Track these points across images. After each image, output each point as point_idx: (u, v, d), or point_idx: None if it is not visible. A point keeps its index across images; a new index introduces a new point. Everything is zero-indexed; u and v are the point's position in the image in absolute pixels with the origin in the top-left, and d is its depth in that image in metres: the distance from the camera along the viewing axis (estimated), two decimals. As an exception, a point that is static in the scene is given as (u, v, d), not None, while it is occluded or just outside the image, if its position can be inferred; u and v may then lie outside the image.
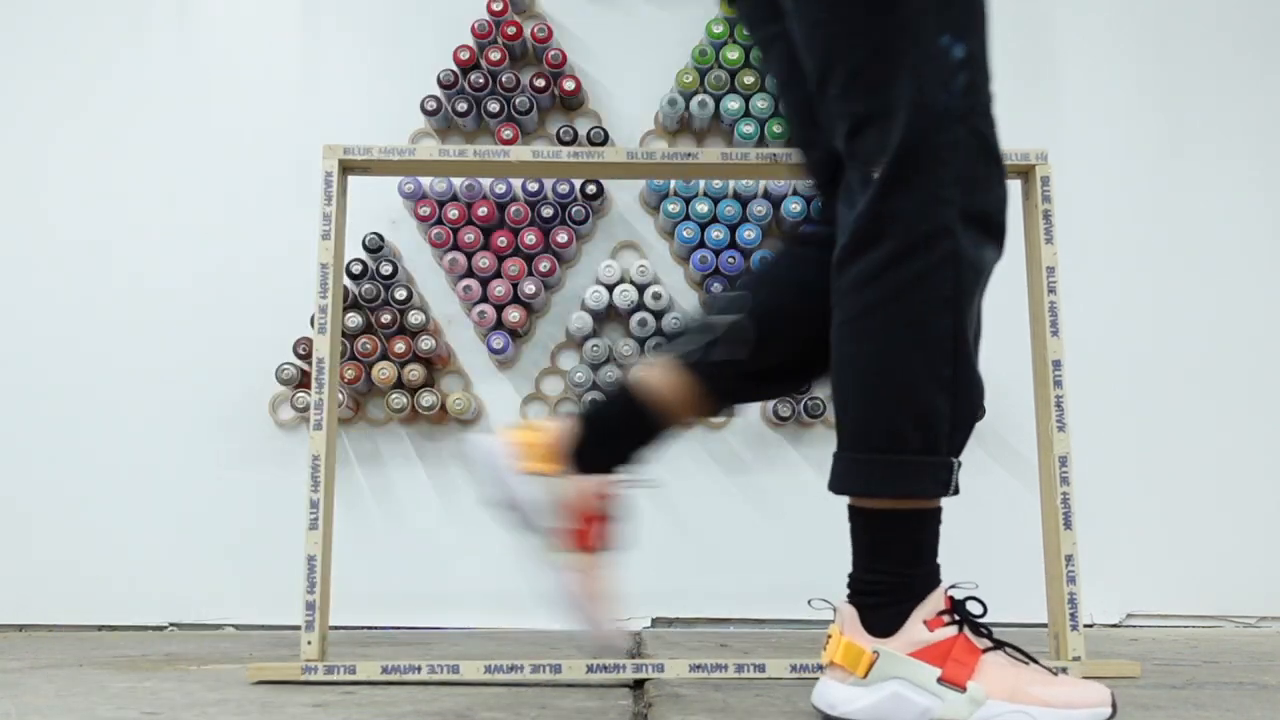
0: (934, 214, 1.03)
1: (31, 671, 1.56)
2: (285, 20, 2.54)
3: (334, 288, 1.53)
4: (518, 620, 2.32)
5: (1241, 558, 2.40)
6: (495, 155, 1.58)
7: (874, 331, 1.06)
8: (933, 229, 1.03)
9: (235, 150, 2.48)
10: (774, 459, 2.41)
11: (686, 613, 2.36)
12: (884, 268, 1.05)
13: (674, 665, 1.45)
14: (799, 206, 2.34)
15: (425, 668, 1.44)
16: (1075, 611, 1.48)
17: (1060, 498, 1.50)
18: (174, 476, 2.38)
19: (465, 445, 1.24)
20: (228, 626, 2.33)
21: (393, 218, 2.45)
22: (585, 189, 2.38)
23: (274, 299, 2.39)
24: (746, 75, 2.39)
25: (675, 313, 2.34)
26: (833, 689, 1.10)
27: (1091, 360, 2.39)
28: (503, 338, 2.35)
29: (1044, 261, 1.55)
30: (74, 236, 2.45)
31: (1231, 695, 1.31)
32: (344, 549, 2.14)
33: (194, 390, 2.40)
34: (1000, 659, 1.07)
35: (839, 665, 1.10)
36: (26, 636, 2.22)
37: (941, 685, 1.06)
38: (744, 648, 1.90)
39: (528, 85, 2.41)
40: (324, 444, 1.49)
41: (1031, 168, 1.57)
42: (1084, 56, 2.55)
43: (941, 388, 1.05)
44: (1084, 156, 2.49)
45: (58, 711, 1.19)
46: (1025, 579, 1.92)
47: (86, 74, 2.50)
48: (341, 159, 1.56)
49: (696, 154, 1.60)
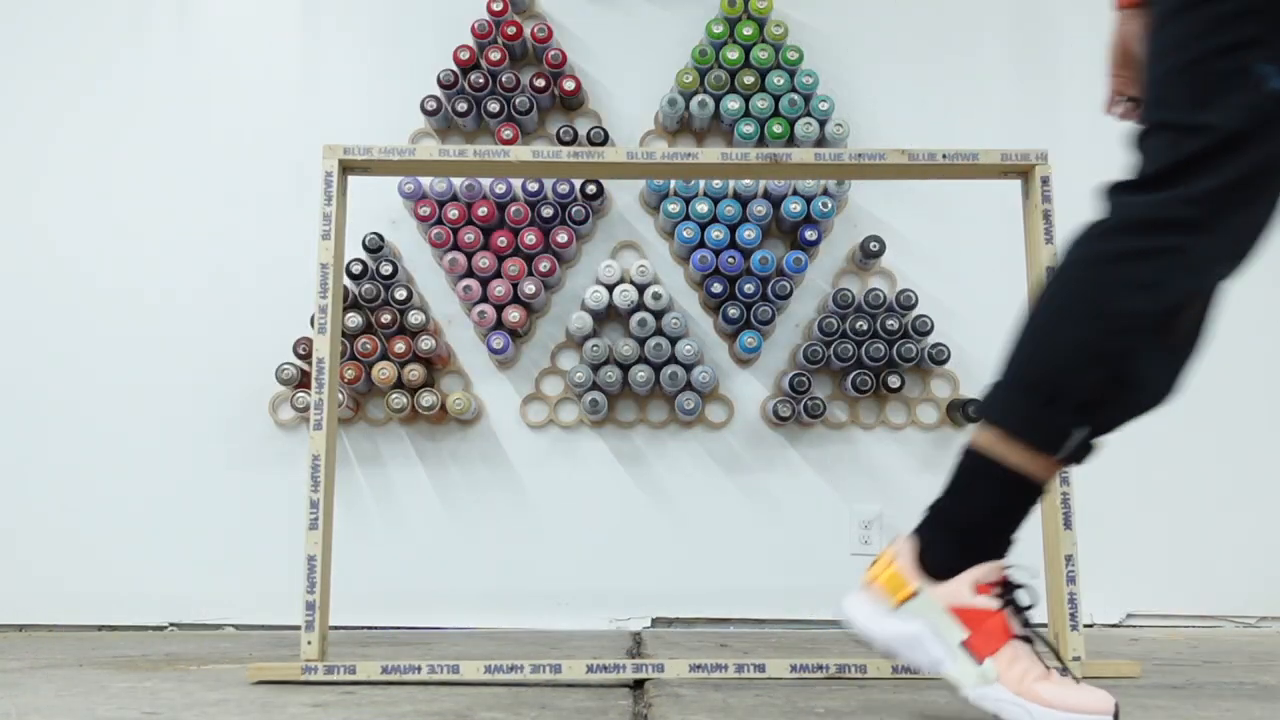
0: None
1: (31, 671, 1.56)
2: (285, 20, 2.54)
3: (334, 288, 1.53)
4: (518, 620, 2.32)
5: (1241, 558, 2.40)
6: (495, 155, 1.58)
7: (1069, 281, 1.09)
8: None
9: (235, 150, 2.48)
10: (774, 459, 2.41)
11: (686, 613, 2.36)
12: (1115, 232, 1.08)
13: (674, 665, 1.45)
14: (799, 207, 2.34)
15: (425, 668, 1.44)
16: (1075, 611, 1.48)
17: (1060, 498, 1.50)
18: (174, 476, 2.38)
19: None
20: (228, 626, 2.33)
21: (393, 218, 2.45)
22: (585, 189, 2.38)
23: (274, 299, 2.39)
24: (746, 75, 2.39)
25: (675, 313, 2.34)
26: (862, 606, 1.13)
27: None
28: (503, 338, 2.35)
29: (1044, 261, 1.55)
30: (74, 236, 2.45)
31: (1231, 695, 1.31)
32: (344, 549, 2.14)
33: (194, 390, 2.40)
34: (1024, 651, 1.08)
35: (879, 587, 1.12)
36: (26, 636, 2.22)
37: (962, 649, 1.07)
38: (744, 648, 1.90)
39: (528, 85, 2.42)
40: (324, 444, 1.49)
41: (1031, 168, 1.57)
42: (1084, 56, 2.54)
43: (1101, 361, 1.06)
44: (1084, 156, 2.48)
45: (58, 711, 1.19)
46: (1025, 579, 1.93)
47: (86, 74, 2.50)
48: (341, 159, 1.56)
49: (696, 154, 1.60)
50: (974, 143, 1.73)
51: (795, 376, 2.32)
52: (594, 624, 2.34)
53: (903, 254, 2.44)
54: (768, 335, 2.42)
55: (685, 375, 2.33)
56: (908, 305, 2.34)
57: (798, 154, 1.59)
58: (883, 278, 2.45)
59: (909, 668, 1.42)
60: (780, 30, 2.40)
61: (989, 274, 2.43)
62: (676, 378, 2.32)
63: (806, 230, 2.37)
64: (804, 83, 2.39)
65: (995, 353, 1.28)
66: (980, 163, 1.56)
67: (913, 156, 1.56)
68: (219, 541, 2.35)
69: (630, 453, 2.41)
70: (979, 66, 2.53)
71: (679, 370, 2.32)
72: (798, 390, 2.31)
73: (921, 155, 1.56)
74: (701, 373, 2.33)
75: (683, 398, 2.33)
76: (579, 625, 2.33)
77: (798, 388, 2.31)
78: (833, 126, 2.39)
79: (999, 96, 2.52)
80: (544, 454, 2.41)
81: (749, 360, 2.43)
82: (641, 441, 2.41)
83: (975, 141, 2.37)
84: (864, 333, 2.32)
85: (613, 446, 2.41)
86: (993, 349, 2.40)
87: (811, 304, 2.44)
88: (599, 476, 2.40)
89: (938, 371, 2.39)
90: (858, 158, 1.58)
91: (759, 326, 2.37)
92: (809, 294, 2.45)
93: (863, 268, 2.45)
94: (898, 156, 1.56)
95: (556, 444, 2.41)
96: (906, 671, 1.42)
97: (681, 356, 2.32)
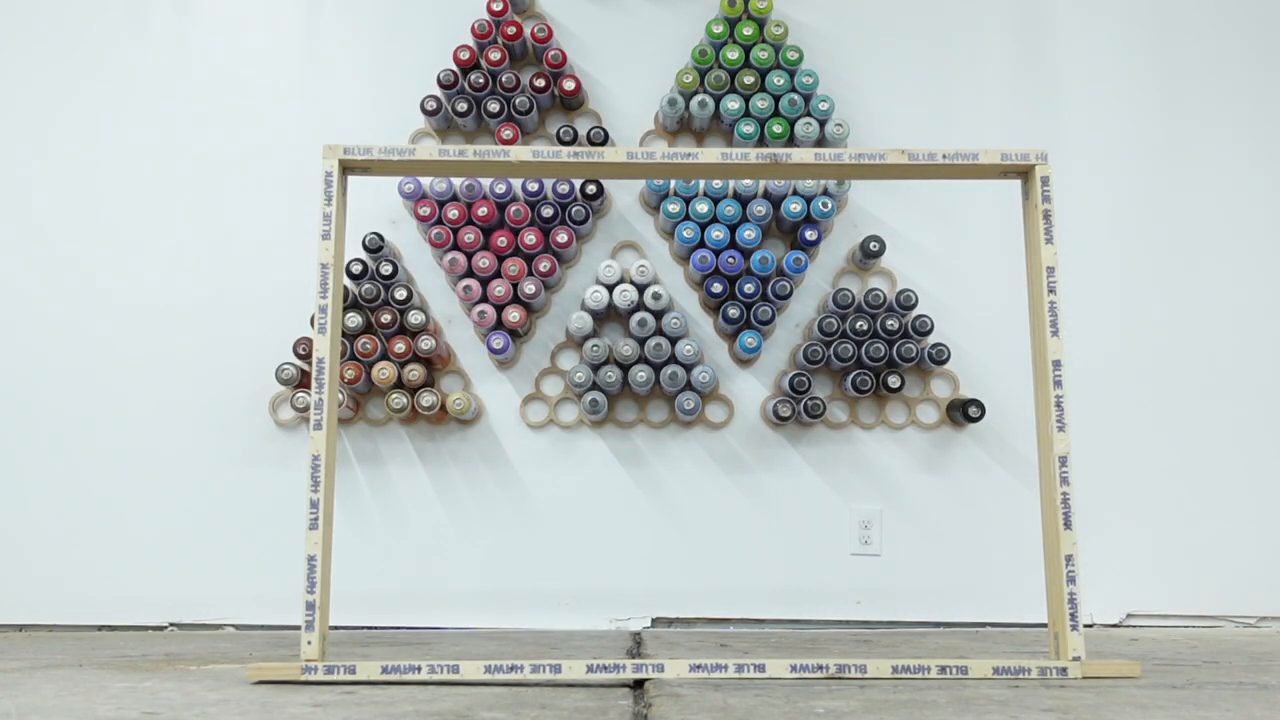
0: None
1: (31, 671, 1.56)
2: (286, 20, 2.54)
3: (334, 288, 1.53)
4: (518, 620, 2.32)
5: (1241, 558, 2.40)
6: (495, 155, 1.58)
7: None
8: None
9: (235, 150, 2.48)
10: (774, 459, 2.41)
11: (686, 613, 2.36)
12: None
13: (674, 665, 1.45)
14: (799, 207, 2.34)
15: (425, 668, 1.44)
16: (1075, 611, 1.48)
17: (1060, 498, 1.50)
18: (174, 476, 2.38)
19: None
20: (228, 626, 2.33)
21: (393, 218, 2.45)
22: (585, 189, 2.38)
23: (274, 299, 2.39)
24: (746, 75, 2.39)
25: (675, 313, 2.34)
26: None
27: (1092, 360, 2.39)
28: (503, 338, 2.35)
29: (1044, 261, 1.54)
30: (72, 236, 2.45)
31: (1231, 695, 1.31)
32: (344, 549, 2.14)
33: (194, 390, 2.40)
34: None
35: None
36: (26, 636, 2.22)
37: None
38: (744, 648, 1.90)
39: (528, 85, 2.42)
40: (324, 444, 1.49)
41: (1031, 168, 1.57)
42: (1084, 56, 2.55)
43: None
44: (1084, 156, 2.49)
45: (58, 711, 1.19)
46: (1025, 579, 1.93)
47: (84, 72, 2.50)
48: (341, 159, 1.56)
49: (696, 154, 1.60)
50: (974, 143, 1.73)
51: (795, 376, 2.32)
52: (594, 624, 2.34)
53: (903, 254, 2.45)
54: (768, 335, 2.42)
55: (685, 375, 2.33)
56: (908, 305, 2.34)
57: (798, 154, 1.59)
58: (883, 278, 2.45)
59: (909, 668, 1.42)
60: (780, 30, 2.40)
61: (989, 274, 2.43)
62: (676, 378, 2.32)
63: (806, 230, 2.37)
64: (804, 83, 2.39)
65: (995, 353, 1.28)
66: (980, 163, 1.56)
67: (913, 156, 1.56)
68: (219, 541, 2.35)
69: (630, 453, 2.41)
70: (979, 66, 2.53)
71: (679, 370, 2.32)
72: (798, 390, 2.31)
73: (921, 155, 1.56)
74: (701, 373, 2.33)
75: (683, 398, 2.33)
76: (579, 625, 2.33)
77: (798, 388, 2.31)
78: (833, 126, 2.39)
79: (999, 96, 2.52)
80: (544, 454, 2.41)
81: (749, 360, 2.43)
82: (641, 441, 2.41)
83: (975, 141, 2.38)
84: (864, 333, 2.32)
85: (613, 446, 2.41)
86: (993, 349, 2.41)
87: (811, 304, 2.45)
88: (599, 476, 2.40)
89: (938, 371, 2.39)
90: (858, 158, 1.57)
91: (759, 326, 2.37)
92: (809, 294, 2.45)
93: (863, 268, 2.45)
94: (898, 156, 1.56)
95: (556, 444, 2.41)
96: (906, 672, 1.42)
97: (681, 356, 2.32)
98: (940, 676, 1.42)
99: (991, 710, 1.16)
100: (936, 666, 1.43)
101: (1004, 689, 1.34)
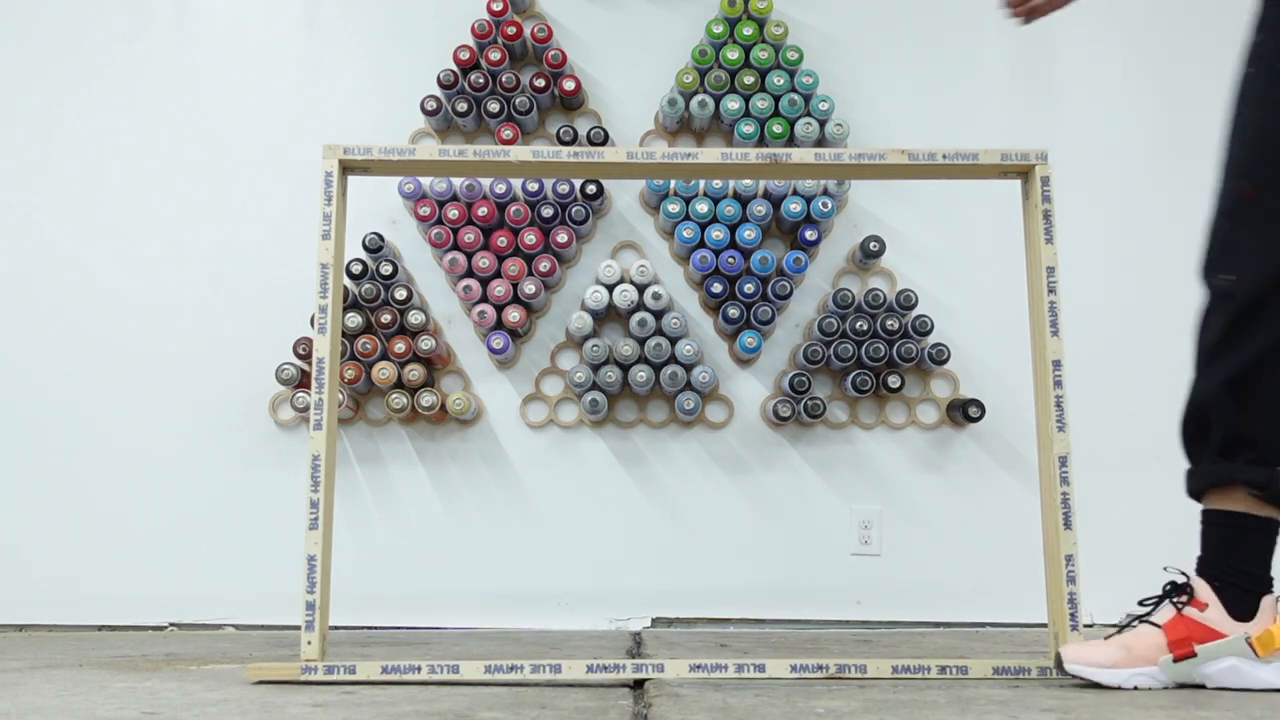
0: None
1: (31, 671, 1.56)
2: (286, 20, 2.54)
3: (334, 288, 1.53)
4: (518, 620, 2.32)
5: (1241, 558, 2.39)
6: (495, 155, 1.58)
7: None
8: None
9: (235, 150, 2.48)
10: (774, 459, 2.41)
11: (686, 613, 2.36)
12: None
13: (674, 665, 1.45)
14: (799, 207, 2.34)
15: (425, 668, 1.44)
16: (1075, 611, 1.48)
17: (1060, 498, 1.50)
18: (174, 477, 2.38)
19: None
20: (228, 626, 2.33)
21: (393, 218, 2.45)
22: (585, 189, 2.38)
23: (274, 299, 2.39)
24: (746, 75, 2.39)
25: (675, 313, 2.34)
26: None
27: (1092, 360, 2.39)
28: (503, 338, 2.35)
29: (1044, 261, 1.54)
30: (73, 236, 2.45)
31: (1231, 695, 1.31)
32: (344, 549, 2.14)
33: (194, 390, 2.40)
34: None
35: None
36: (26, 636, 2.22)
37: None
38: (744, 648, 1.90)
39: (528, 85, 2.41)
40: (324, 444, 1.49)
41: (1031, 168, 1.57)
42: (1084, 56, 2.55)
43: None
44: (1084, 156, 2.49)
45: (58, 711, 1.19)
46: (1025, 579, 1.93)
47: (85, 73, 2.50)
48: (341, 159, 1.56)
49: (696, 154, 1.60)
50: (974, 143, 1.72)
51: (795, 376, 2.32)
52: (594, 624, 2.34)
53: (903, 254, 2.45)
54: (768, 335, 2.42)
55: (685, 375, 2.33)
56: (908, 305, 2.34)
57: (798, 154, 1.59)
58: (883, 278, 2.45)
59: (909, 668, 1.42)
60: (780, 30, 2.40)
61: (989, 274, 2.43)
62: (676, 378, 2.32)
63: (806, 230, 2.37)
64: (804, 83, 2.39)
65: (995, 353, 1.28)
66: (980, 163, 1.56)
67: (913, 156, 1.56)
68: (219, 541, 2.35)
69: (630, 453, 2.41)
70: (979, 67, 2.53)
71: (679, 370, 2.32)
72: (798, 390, 2.31)
73: (921, 155, 1.56)
74: (701, 373, 2.33)
75: (683, 398, 2.33)
76: (579, 625, 2.33)
77: (798, 388, 2.31)
78: (833, 126, 2.39)
79: (999, 96, 2.52)
80: (544, 454, 2.41)
81: (749, 360, 2.43)
82: (641, 441, 2.41)
83: (975, 141, 2.37)
84: (864, 333, 2.32)
85: (613, 446, 2.41)
86: (993, 349, 2.41)
87: (811, 304, 2.44)
88: (599, 476, 2.40)
89: (938, 371, 2.39)
90: (858, 158, 1.57)
91: (759, 326, 2.37)
92: (809, 294, 2.45)
93: (863, 268, 2.45)
94: (898, 156, 1.56)
95: (556, 444, 2.41)
96: (906, 672, 1.42)
97: (681, 356, 2.32)
98: (940, 676, 1.42)
99: (991, 710, 1.16)
100: (936, 666, 1.43)
101: (1004, 689, 1.34)
